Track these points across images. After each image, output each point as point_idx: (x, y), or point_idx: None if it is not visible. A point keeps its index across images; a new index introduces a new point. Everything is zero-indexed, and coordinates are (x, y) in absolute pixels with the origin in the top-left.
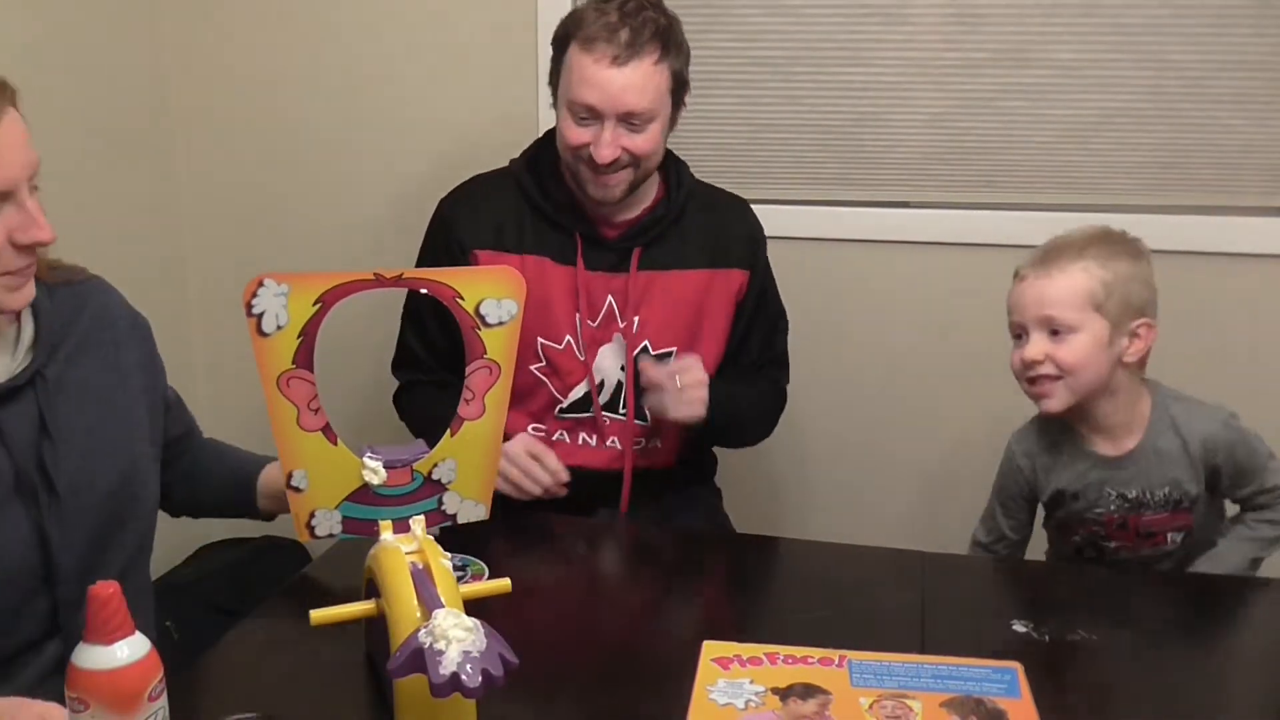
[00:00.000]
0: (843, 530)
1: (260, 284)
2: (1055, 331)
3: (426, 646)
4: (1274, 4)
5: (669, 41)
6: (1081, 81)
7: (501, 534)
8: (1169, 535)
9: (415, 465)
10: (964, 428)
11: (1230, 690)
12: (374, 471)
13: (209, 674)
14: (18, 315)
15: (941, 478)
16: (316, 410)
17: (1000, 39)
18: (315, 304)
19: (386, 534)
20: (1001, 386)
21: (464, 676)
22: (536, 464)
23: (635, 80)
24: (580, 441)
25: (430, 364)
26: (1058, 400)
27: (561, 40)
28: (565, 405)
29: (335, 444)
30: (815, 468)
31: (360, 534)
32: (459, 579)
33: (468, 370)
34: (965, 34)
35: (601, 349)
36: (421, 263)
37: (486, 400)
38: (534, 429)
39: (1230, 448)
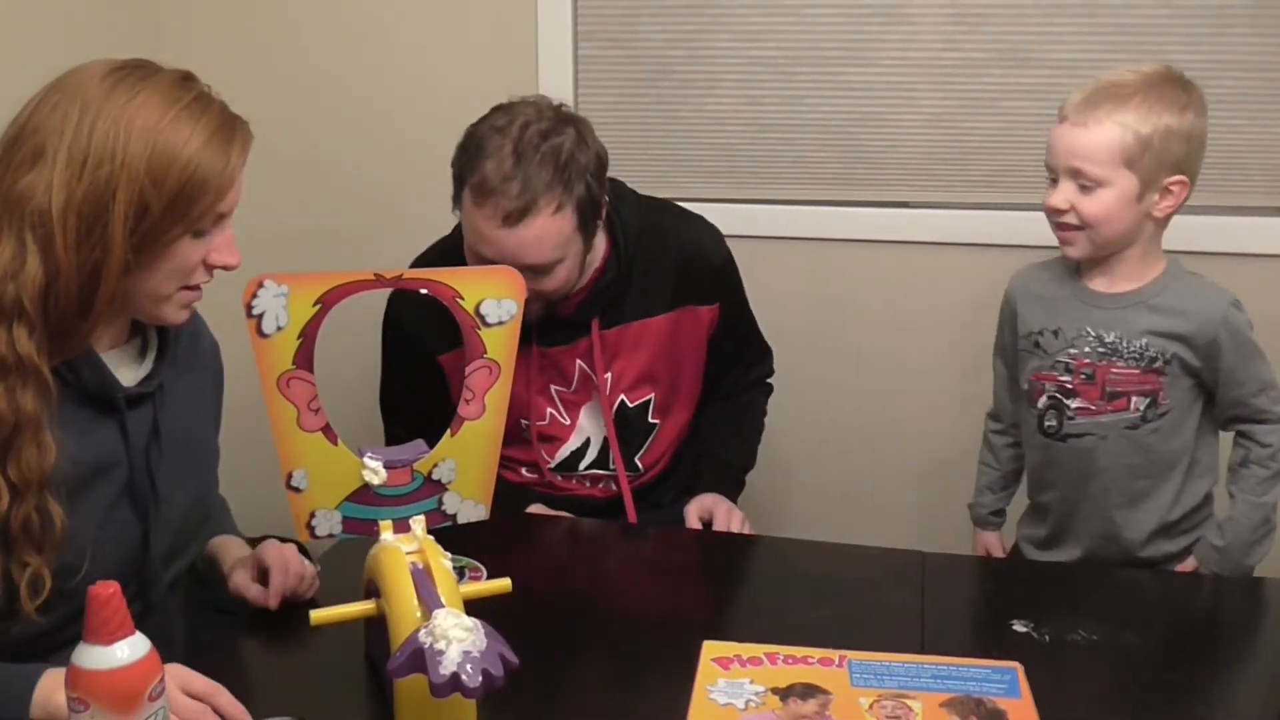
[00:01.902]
0: (842, 530)
1: (260, 285)
2: (1084, 183)
3: (426, 646)
4: (1274, 4)
5: (570, 174)
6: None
7: (501, 534)
8: (1133, 400)
9: (415, 465)
10: (964, 427)
11: (1231, 690)
12: (374, 471)
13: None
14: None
15: (942, 477)
16: (317, 410)
17: (1000, 39)
18: (315, 304)
19: (386, 534)
20: None
21: (464, 676)
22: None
23: (530, 237)
24: (574, 482)
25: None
26: (1079, 249)
27: (458, 173)
28: (553, 465)
29: (335, 444)
30: (815, 467)
31: (360, 534)
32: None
33: (467, 370)
34: (965, 34)
35: (581, 409)
36: (387, 367)
37: (486, 400)
38: (526, 471)
39: (1232, 327)
